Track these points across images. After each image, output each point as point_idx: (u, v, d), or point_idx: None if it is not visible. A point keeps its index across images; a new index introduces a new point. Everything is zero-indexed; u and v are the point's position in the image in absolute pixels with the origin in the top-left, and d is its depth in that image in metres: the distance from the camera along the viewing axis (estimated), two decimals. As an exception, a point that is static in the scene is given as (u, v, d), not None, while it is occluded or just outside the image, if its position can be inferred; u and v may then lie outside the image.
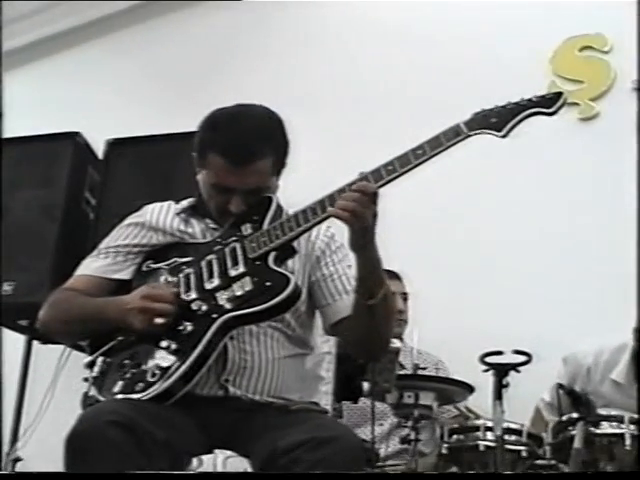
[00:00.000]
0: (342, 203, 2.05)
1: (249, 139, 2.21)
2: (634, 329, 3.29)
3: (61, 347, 3.25)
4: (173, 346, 2.09)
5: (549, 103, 2.10)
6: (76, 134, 3.72)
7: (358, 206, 2.02)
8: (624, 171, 3.81)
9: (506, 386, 2.77)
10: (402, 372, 3.26)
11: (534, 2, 4.46)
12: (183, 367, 2.04)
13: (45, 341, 3.55)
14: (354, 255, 2.14)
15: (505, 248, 4.12)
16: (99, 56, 5.59)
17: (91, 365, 2.19)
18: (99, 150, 3.74)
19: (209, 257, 2.22)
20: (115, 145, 3.70)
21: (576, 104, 4.27)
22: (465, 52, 4.53)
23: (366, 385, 2.89)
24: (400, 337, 3.67)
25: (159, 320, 2.09)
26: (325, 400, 2.60)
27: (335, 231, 2.40)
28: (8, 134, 3.77)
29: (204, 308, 2.12)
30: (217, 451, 2.05)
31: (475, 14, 4.61)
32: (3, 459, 3.43)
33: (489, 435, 2.93)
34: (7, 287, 3.44)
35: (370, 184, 2.06)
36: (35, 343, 3.67)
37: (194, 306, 2.14)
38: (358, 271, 2.15)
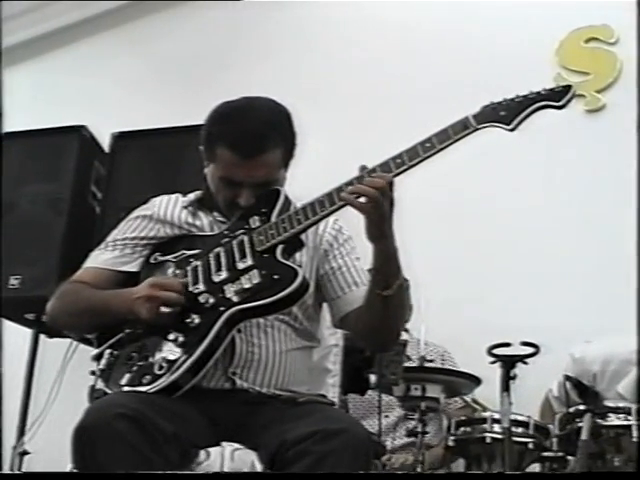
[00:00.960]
0: (358, 188, 2.03)
1: (257, 131, 2.20)
2: (638, 350, 3.29)
3: (68, 341, 3.26)
4: (180, 339, 2.08)
5: (558, 96, 2.09)
6: (82, 127, 3.72)
7: (375, 193, 2.01)
8: (631, 163, 3.80)
9: (513, 378, 2.77)
10: (409, 364, 3.27)
11: (540, -7, 4.46)
12: (190, 360, 2.03)
13: (52, 335, 3.57)
14: (371, 245, 2.10)
15: (512, 240, 4.12)
16: (105, 50, 5.59)
17: (98, 358, 2.19)
18: (105, 143, 3.74)
19: (217, 250, 2.21)
20: (121, 138, 3.70)
21: (582, 96, 4.26)
22: (471, 44, 4.53)
23: (373, 377, 2.90)
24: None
25: (166, 309, 2.09)
26: (332, 392, 2.59)
27: (343, 224, 2.40)
28: (13, 129, 3.78)
29: (212, 301, 2.12)
30: (225, 444, 2.04)
31: (480, 6, 4.61)
32: (9, 453, 3.45)
33: (496, 427, 2.93)
34: (14, 281, 3.44)
35: (386, 173, 2.04)
36: (42, 337, 3.68)
37: (202, 299, 2.13)
38: (374, 261, 2.12)
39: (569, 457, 2.94)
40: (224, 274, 2.16)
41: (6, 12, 5.21)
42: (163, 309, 2.09)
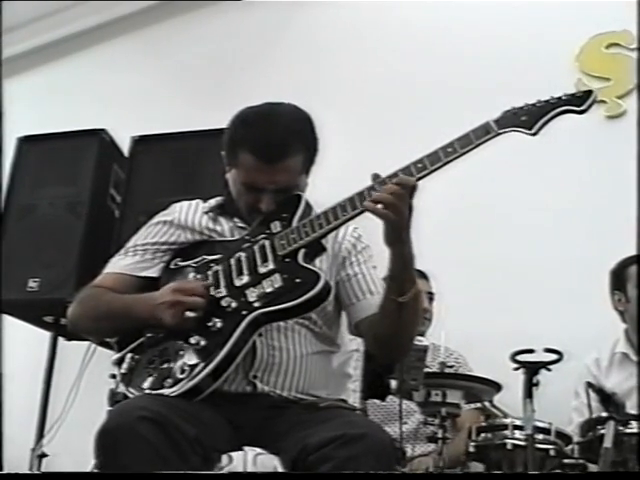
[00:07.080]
0: (379, 196, 2.03)
1: (279, 137, 2.19)
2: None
3: (86, 343, 3.27)
4: (202, 342, 2.08)
5: (579, 101, 2.09)
6: (101, 131, 3.74)
7: (395, 199, 2.01)
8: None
9: (537, 384, 2.75)
10: (428, 370, 3.25)
11: (561, -1, 4.44)
12: (212, 364, 2.03)
13: (70, 338, 3.58)
14: (388, 250, 2.10)
15: (533, 245, 4.09)
16: (126, 54, 5.60)
17: (119, 362, 2.18)
18: (124, 147, 3.75)
19: (238, 254, 2.21)
20: (140, 142, 3.71)
21: (603, 102, 4.23)
22: (492, 50, 4.51)
23: (394, 383, 2.88)
24: (424, 335, 3.65)
25: (190, 314, 2.08)
26: (353, 398, 2.59)
27: (362, 232, 2.40)
28: (32, 132, 3.80)
29: (234, 305, 2.11)
30: (247, 448, 2.03)
31: (502, 12, 4.60)
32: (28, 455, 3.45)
33: (517, 434, 2.90)
34: (33, 284, 3.45)
35: (409, 177, 2.04)
36: (60, 340, 3.69)
37: (223, 303, 2.12)
38: (390, 267, 2.11)
39: (590, 464, 2.91)
40: (246, 278, 2.15)
41: (24, 17, 5.27)
42: (188, 314, 2.08)
